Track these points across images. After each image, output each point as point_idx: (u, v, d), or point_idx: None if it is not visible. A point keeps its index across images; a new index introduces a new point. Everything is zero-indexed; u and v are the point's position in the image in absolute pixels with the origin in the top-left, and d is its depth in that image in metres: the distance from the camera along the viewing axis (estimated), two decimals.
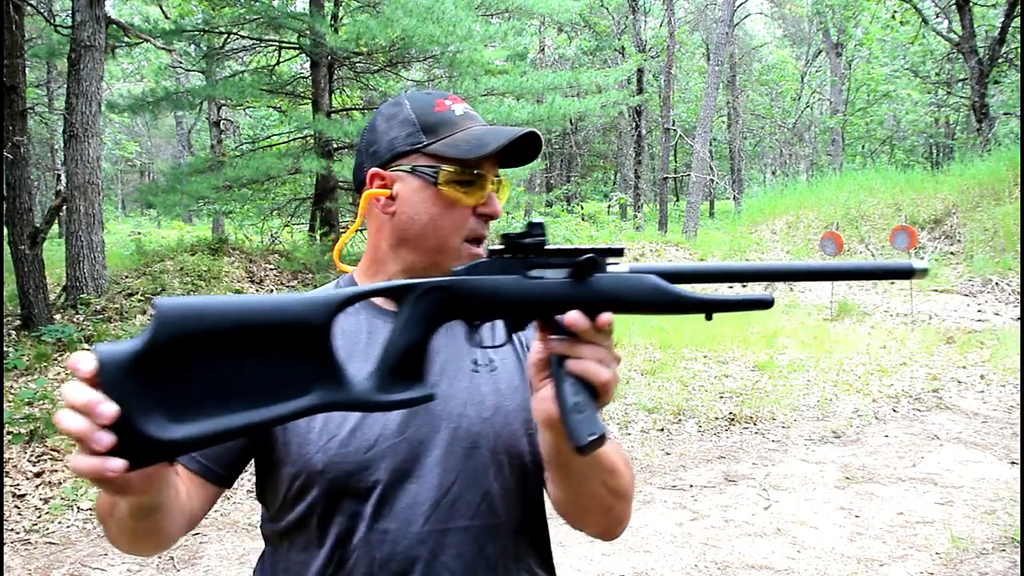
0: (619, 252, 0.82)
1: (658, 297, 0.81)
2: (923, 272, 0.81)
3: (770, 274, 0.85)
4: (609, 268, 0.82)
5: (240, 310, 0.70)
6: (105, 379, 0.65)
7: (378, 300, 1.06)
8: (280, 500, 1.03)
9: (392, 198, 1.04)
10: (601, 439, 0.77)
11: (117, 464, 0.66)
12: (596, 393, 0.80)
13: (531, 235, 0.82)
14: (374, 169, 1.06)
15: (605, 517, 1.03)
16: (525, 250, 0.82)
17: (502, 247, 0.83)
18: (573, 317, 0.79)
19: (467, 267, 0.83)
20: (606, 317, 0.80)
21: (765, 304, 0.81)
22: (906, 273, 0.83)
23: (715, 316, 0.83)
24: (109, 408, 0.65)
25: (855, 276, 0.85)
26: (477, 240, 1.04)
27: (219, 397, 0.69)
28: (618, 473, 1.01)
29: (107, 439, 0.65)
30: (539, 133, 1.03)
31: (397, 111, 1.06)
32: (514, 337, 1.10)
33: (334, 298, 0.75)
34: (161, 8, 11.35)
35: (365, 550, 0.98)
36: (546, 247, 0.82)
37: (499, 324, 0.87)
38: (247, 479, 3.87)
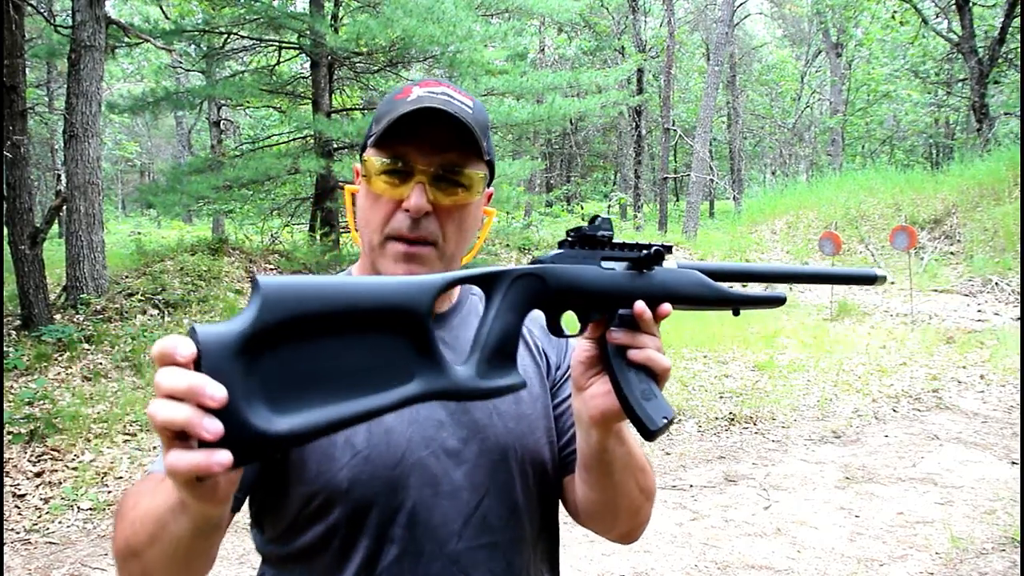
0: (669, 249, 0.86)
1: (704, 291, 0.87)
2: (882, 279, 0.94)
3: (777, 276, 0.96)
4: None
5: (342, 291, 0.67)
6: (208, 364, 0.59)
7: None
8: (289, 522, 0.95)
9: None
10: (672, 420, 0.82)
11: (225, 457, 0.57)
12: (658, 380, 0.83)
13: (602, 228, 0.86)
14: (356, 164, 1.04)
15: (635, 518, 1.02)
16: (599, 243, 0.85)
17: (574, 239, 0.86)
18: (641, 307, 0.82)
19: (552, 256, 0.84)
20: (667, 307, 0.83)
21: (781, 301, 0.91)
22: (869, 280, 0.94)
23: (728, 314, 0.91)
24: (219, 391, 0.57)
25: (827, 281, 0.95)
26: (401, 239, 0.95)
27: (322, 385, 0.65)
28: (648, 472, 1.01)
29: (217, 426, 0.57)
30: (445, 108, 0.91)
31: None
32: (529, 341, 1.09)
33: (433, 282, 0.73)
34: (161, 8, 11.35)
35: (395, 573, 0.93)
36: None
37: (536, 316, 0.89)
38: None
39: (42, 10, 10.47)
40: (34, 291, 6.42)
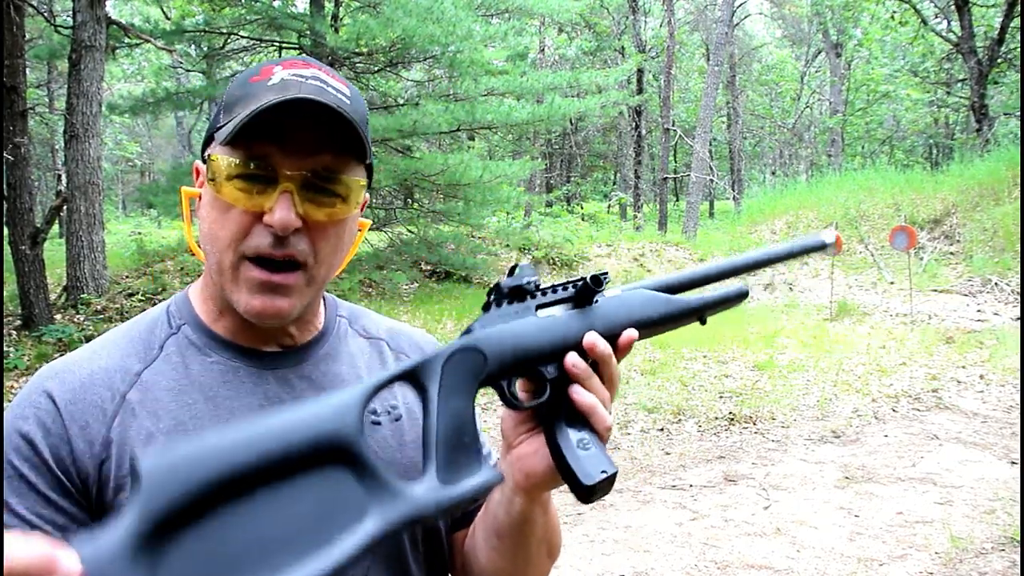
0: (605, 275, 0.76)
1: (661, 307, 0.78)
2: (832, 246, 0.89)
3: (730, 270, 0.85)
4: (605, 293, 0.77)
5: (245, 444, 0.54)
6: None
7: (231, 335, 0.84)
8: None
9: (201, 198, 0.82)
10: (613, 478, 0.70)
11: None
12: (600, 437, 0.72)
13: (525, 275, 0.75)
14: (196, 162, 0.85)
15: None
16: (526, 293, 0.74)
17: (498, 296, 0.74)
18: (592, 338, 0.72)
19: (480, 321, 0.72)
20: (631, 333, 0.74)
21: (744, 295, 0.83)
22: (819, 247, 0.88)
23: (728, 314, 0.90)
24: None
25: (780, 259, 0.88)
26: (265, 259, 0.76)
27: (257, 563, 0.52)
28: (559, 531, 0.88)
29: None
30: (320, 99, 0.74)
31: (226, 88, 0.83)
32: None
33: (354, 398, 0.60)
34: (162, 9, 11.36)
35: None
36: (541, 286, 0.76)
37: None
38: None
39: (43, 10, 10.48)
40: (35, 291, 6.43)
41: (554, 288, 0.75)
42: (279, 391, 0.83)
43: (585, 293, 0.75)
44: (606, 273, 0.76)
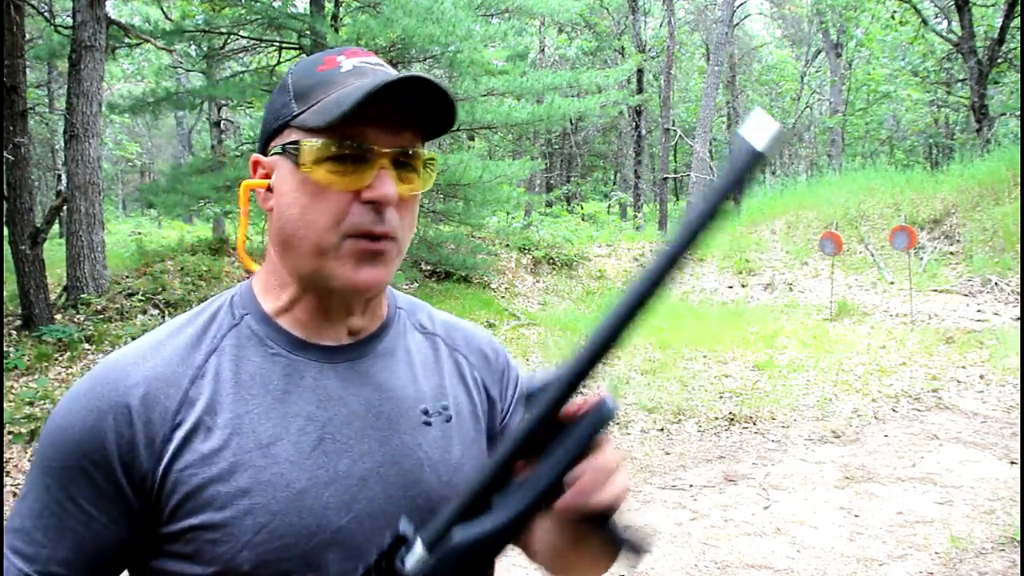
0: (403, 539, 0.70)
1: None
2: (765, 153, 0.59)
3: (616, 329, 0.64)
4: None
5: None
6: None
7: (296, 328, 0.84)
8: None
9: (270, 189, 0.82)
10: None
11: None
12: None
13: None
14: (254, 155, 0.86)
15: None
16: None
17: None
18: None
19: None
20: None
21: (609, 416, 0.68)
22: (757, 158, 0.59)
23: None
24: None
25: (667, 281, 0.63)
26: (366, 235, 0.79)
27: None
28: None
29: None
30: (428, 77, 0.78)
31: (283, 80, 0.85)
32: (467, 373, 0.95)
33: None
34: (162, 9, 11.35)
35: None
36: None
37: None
38: None
39: (43, 10, 10.48)
40: (35, 291, 6.43)
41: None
42: (339, 387, 0.83)
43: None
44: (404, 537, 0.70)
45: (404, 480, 0.82)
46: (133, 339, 0.88)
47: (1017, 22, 15.25)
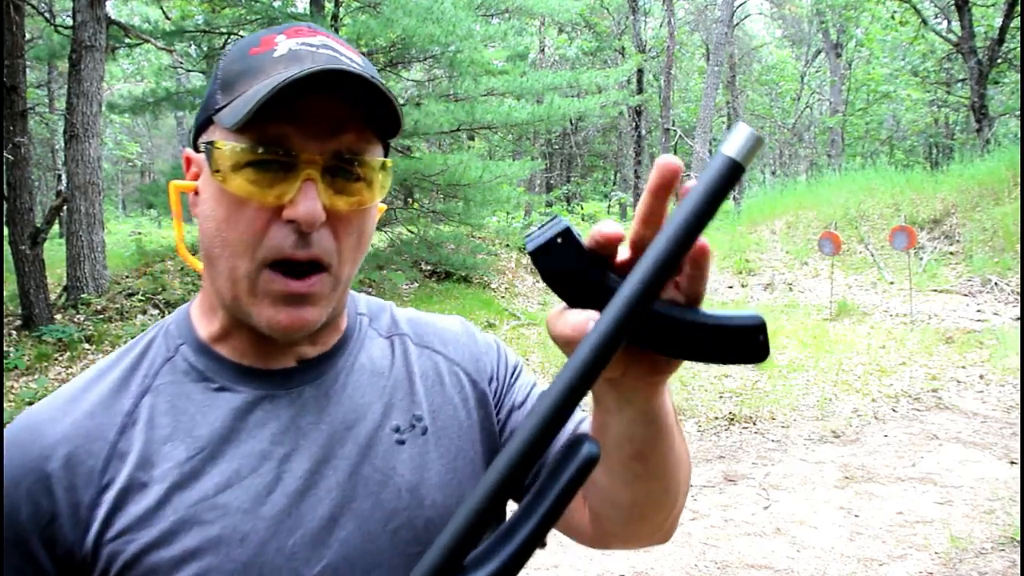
0: None
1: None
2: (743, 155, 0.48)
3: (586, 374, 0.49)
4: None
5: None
6: None
7: (237, 356, 0.73)
8: None
9: (197, 193, 0.70)
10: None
11: None
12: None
13: None
14: (186, 150, 0.73)
15: (678, 505, 0.77)
16: None
17: None
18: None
19: None
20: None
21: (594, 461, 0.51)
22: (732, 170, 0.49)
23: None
24: None
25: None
26: (286, 263, 0.65)
27: None
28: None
29: None
30: (354, 69, 0.63)
31: (216, 62, 0.73)
32: (444, 371, 0.82)
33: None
34: (162, 9, 11.36)
35: None
36: None
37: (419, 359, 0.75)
38: None
39: (43, 10, 10.49)
40: (35, 291, 6.43)
41: None
42: (294, 417, 0.71)
43: None
44: None
45: (381, 513, 0.71)
46: (132, 339, 0.79)
47: (1017, 22, 15.26)
